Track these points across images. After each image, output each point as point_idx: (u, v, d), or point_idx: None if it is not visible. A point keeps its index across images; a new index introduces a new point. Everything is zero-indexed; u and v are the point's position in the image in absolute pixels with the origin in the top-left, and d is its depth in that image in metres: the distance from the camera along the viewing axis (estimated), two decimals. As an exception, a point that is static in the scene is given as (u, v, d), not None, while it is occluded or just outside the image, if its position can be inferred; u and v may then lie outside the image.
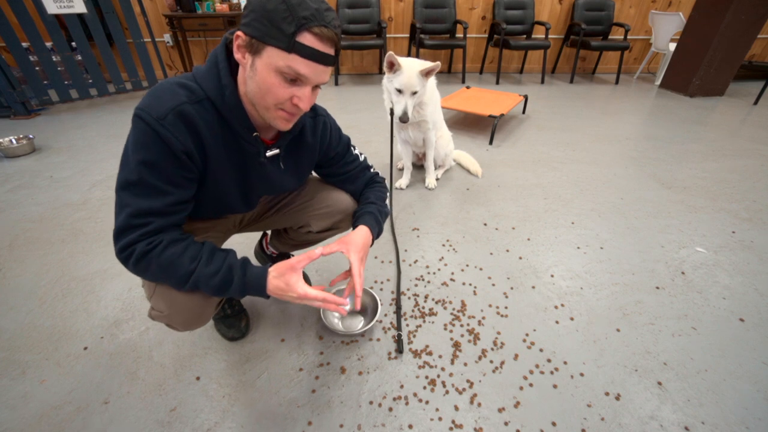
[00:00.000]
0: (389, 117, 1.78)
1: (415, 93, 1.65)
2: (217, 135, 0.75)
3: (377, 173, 1.11)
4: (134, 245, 0.70)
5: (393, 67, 1.62)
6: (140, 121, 0.68)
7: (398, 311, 1.29)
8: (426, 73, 1.62)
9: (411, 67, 1.61)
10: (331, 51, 0.67)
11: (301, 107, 0.71)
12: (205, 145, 0.75)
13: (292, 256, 1.41)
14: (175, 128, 0.69)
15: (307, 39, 0.63)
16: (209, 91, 0.72)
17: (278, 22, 0.62)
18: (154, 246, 0.71)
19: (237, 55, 0.68)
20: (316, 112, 0.92)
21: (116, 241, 0.72)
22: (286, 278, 0.77)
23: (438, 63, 1.61)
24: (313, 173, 1.09)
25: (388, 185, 1.08)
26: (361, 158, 1.08)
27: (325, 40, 0.65)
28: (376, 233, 1.01)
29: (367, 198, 1.06)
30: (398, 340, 1.18)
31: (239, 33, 0.66)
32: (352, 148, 1.05)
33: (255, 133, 0.79)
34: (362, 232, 0.97)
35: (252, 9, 0.64)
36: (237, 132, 0.77)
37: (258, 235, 1.55)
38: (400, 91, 1.65)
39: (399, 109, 1.68)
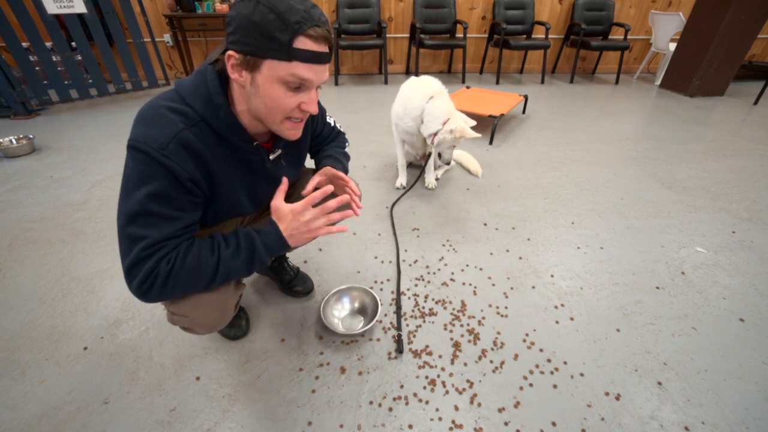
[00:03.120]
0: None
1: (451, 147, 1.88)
2: (219, 154, 0.75)
3: (341, 130, 1.16)
4: (155, 270, 0.69)
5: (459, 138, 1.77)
6: (139, 153, 0.66)
7: (398, 311, 1.29)
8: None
9: (466, 134, 1.76)
10: (326, 48, 0.66)
11: (311, 111, 0.72)
12: (210, 168, 0.74)
13: (288, 258, 1.41)
14: (178, 156, 0.67)
15: (303, 43, 0.63)
16: (202, 112, 0.70)
17: (271, 33, 0.61)
18: (174, 261, 0.70)
19: (233, 75, 0.66)
20: None
21: (132, 275, 0.68)
22: (289, 218, 0.80)
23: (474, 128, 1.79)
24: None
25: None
26: (332, 123, 1.11)
27: (320, 39, 0.64)
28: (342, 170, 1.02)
29: (327, 150, 1.08)
30: (398, 340, 1.18)
31: (231, 52, 0.64)
32: (327, 117, 1.08)
33: (255, 143, 0.79)
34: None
35: (238, 25, 0.62)
36: (237, 146, 0.77)
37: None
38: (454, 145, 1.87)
39: (449, 157, 1.93)
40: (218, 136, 0.74)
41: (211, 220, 0.85)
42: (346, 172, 1.05)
